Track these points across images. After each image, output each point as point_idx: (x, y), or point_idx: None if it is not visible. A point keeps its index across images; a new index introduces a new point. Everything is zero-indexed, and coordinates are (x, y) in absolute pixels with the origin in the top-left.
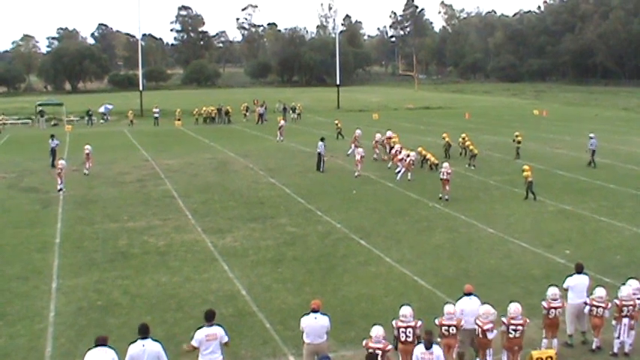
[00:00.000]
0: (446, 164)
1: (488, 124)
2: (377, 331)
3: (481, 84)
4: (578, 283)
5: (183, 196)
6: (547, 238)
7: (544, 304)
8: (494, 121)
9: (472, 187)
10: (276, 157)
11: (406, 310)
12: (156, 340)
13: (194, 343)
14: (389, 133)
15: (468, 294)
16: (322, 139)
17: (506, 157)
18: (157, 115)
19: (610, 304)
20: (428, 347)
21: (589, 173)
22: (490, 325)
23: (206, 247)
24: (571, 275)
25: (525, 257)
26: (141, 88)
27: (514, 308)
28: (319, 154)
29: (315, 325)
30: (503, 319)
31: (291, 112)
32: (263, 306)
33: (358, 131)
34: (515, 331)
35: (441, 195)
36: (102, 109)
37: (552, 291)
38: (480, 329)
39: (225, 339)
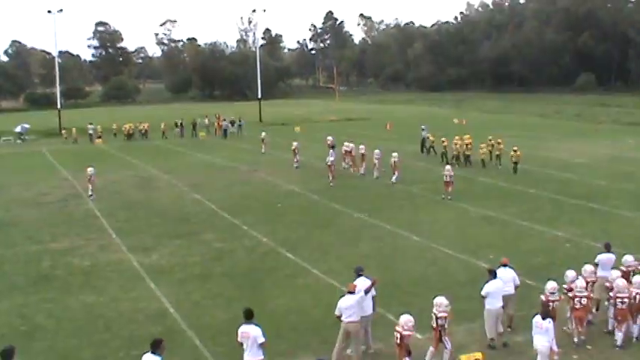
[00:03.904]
0: (448, 167)
1: (409, 133)
2: (404, 319)
3: (402, 94)
4: (496, 287)
5: (107, 215)
6: (471, 243)
7: (542, 297)
8: (416, 130)
9: (396, 196)
10: (200, 172)
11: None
12: None
13: (239, 338)
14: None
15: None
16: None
17: (427, 165)
18: (91, 131)
19: (563, 297)
20: (544, 318)
21: (509, 179)
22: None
23: (132, 266)
24: (487, 281)
25: (450, 263)
26: (59, 106)
27: (551, 286)
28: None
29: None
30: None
31: (230, 125)
32: (192, 323)
33: (330, 138)
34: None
35: (443, 196)
36: (18, 129)
37: (551, 285)
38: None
39: (262, 340)
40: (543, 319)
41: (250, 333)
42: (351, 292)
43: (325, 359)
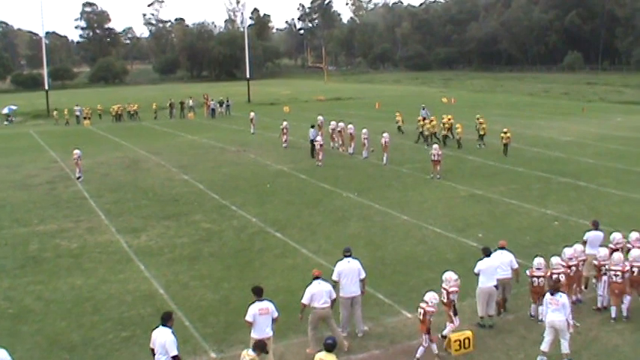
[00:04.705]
0: (435, 146)
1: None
2: (430, 295)
3: (390, 73)
4: (488, 265)
5: (95, 197)
6: (460, 222)
7: (527, 272)
8: (404, 110)
9: (385, 176)
10: (189, 153)
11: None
12: (173, 333)
13: (249, 318)
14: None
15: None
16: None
17: (416, 145)
18: (78, 113)
19: (548, 272)
20: (553, 294)
21: (498, 158)
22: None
23: (121, 248)
24: (481, 259)
25: (439, 242)
26: (46, 87)
27: (537, 262)
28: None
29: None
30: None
31: (218, 106)
32: (181, 304)
33: (320, 117)
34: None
35: (432, 175)
36: (5, 111)
37: (537, 261)
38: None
39: (276, 314)
40: (552, 295)
41: (270, 308)
42: (317, 278)
43: (333, 338)
